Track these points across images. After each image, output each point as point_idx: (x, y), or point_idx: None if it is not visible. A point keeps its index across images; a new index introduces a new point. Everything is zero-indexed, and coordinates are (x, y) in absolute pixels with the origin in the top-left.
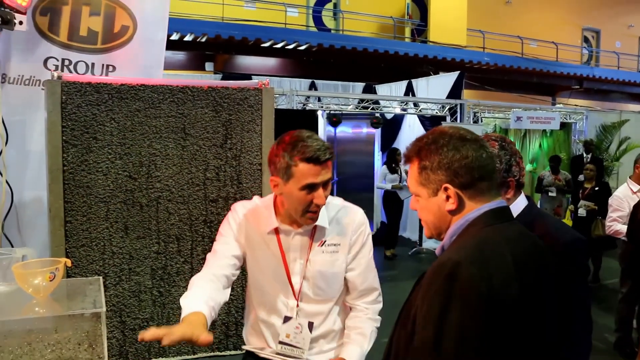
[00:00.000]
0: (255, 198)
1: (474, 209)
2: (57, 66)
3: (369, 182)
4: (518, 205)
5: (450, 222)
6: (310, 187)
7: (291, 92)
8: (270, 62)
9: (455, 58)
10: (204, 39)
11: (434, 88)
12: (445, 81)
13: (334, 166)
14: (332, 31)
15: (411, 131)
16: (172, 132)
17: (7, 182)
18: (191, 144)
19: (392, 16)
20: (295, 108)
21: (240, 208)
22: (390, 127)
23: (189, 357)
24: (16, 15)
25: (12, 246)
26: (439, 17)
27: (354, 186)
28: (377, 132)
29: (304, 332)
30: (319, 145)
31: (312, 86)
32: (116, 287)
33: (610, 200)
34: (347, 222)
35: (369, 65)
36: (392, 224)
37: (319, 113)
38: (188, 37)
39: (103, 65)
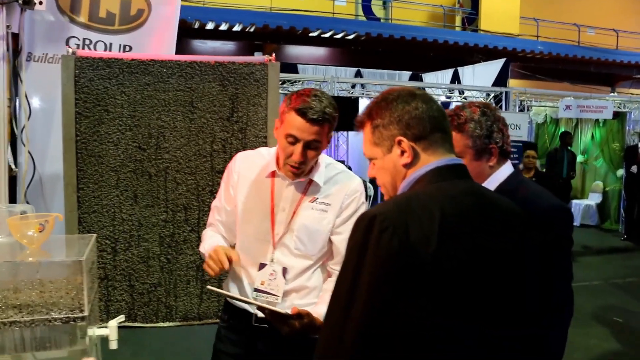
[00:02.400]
0: (262, 148)
1: (425, 164)
2: (78, 45)
3: None
4: (502, 173)
5: (406, 177)
6: (293, 139)
7: (332, 79)
8: (319, 51)
9: (507, 47)
10: (252, 29)
11: (480, 76)
12: (491, 69)
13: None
14: (382, 20)
15: None
16: (180, 106)
17: (29, 153)
18: (198, 117)
19: (443, 5)
20: (336, 95)
21: (240, 156)
22: None
23: (195, 322)
24: None
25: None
26: (490, 5)
27: None
28: None
29: (278, 279)
30: (316, 104)
31: (358, 74)
32: (126, 253)
33: None
34: (343, 185)
35: (417, 54)
36: None
37: (362, 101)
38: (237, 28)
39: (120, 45)
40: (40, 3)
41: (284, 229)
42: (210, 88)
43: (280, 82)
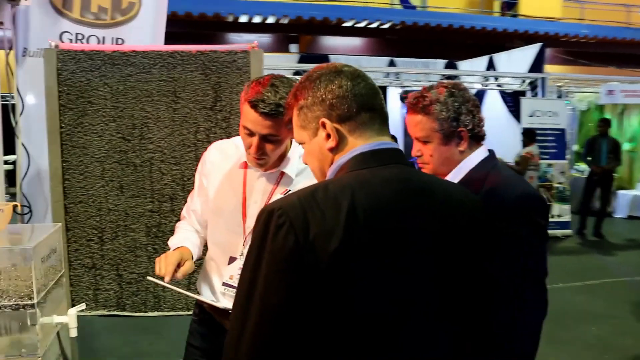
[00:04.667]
0: (236, 137)
1: (351, 149)
2: (71, 40)
3: None
4: (473, 158)
5: (333, 163)
6: (249, 132)
7: (364, 69)
8: (354, 42)
9: (548, 32)
10: (285, 21)
11: (515, 62)
12: (527, 54)
13: (407, 146)
14: (418, 8)
15: (493, 109)
16: (163, 96)
17: (24, 146)
18: (182, 107)
19: None
20: None
21: (214, 145)
22: None
23: (183, 312)
24: None
25: (30, 205)
26: None
27: None
28: None
29: None
30: (270, 96)
31: (391, 64)
32: (113, 242)
33: None
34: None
35: (453, 42)
36: None
37: (390, 91)
38: (270, 20)
39: (113, 38)
40: None
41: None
42: (193, 77)
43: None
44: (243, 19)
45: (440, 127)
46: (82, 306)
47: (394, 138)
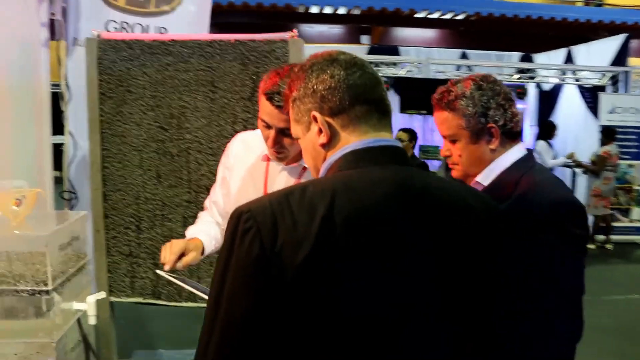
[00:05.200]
0: None
1: (344, 146)
2: (116, 28)
3: None
4: (507, 158)
5: (325, 160)
6: (266, 124)
7: (426, 61)
8: (426, 33)
9: (638, 21)
10: (357, 12)
11: (596, 55)
12: (608, 46)
13: None
14: None
15: (570, 104)
16: (201, 86)
17: (70, 133)
18: (220, 97)
19: None
20: (432, 77)
21: (238, 137)
22: (548, 99)
23: None
24: None
25: (75, 191)
26: None
27: None
28: (529, 105)
29: None
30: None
31: (463, 57)
32: (149, 232)
33: None
34: None
35: (530, 33)
36: None
37: None
38: (341, 10)
39: (156, 27)
40: None
41: None
42: (231, 67)
43: (375, 65)
44: (314, 9)
45: (467, 124)
46: (102, 294)
47: (411, 133)
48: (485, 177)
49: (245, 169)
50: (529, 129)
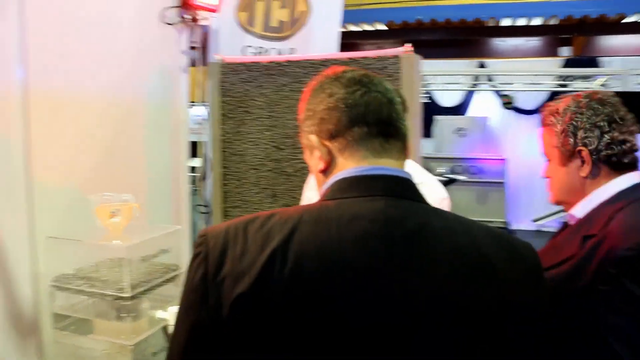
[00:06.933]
0: None
1: (337, 173)
2: (253, 53)
3: None
4: (608, 189)
5: None
6: None
7: (624, 72)
8: (637, 40)
9: None
10: (554, 22)
11: None
12: None
13: None
14: None
15: None
16: None
17: (204, 154)
18: None
19: None
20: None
21: None
22: None
23: None
24: (200, 13)
25: (208, 205)
26: None
27: None
28: None
29: None
30: None
31: None
32: None
33: None
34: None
35: None
36: None
37: None
38: (536, 21)
39: (288, 49)
40: (205, 19)
41: None
42: None
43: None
44: (505, 22)
45: (557, 143)
46: None
47: None
48: (580, 210)
49: None
50: None
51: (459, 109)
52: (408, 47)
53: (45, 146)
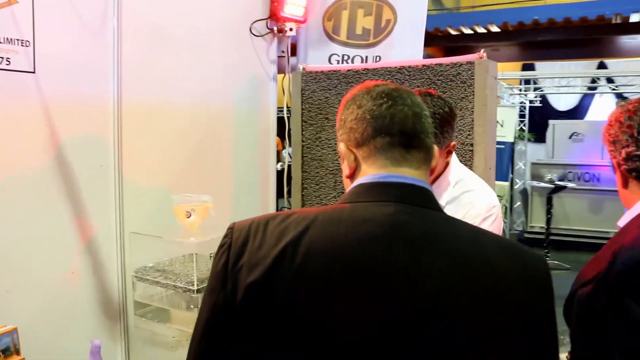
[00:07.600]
0: None
1: (359, 179)
2: (338, 61)
3: None
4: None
5: None
6: None
7: None
8: None
9: None
10: None
11: None
12: None
13: None
14: None
15: None
16: None
17: (289, 154)
18: None
19: None
20: None
21: None
22: None
23: None
24: (288, 24)
25: (291, 207)
26: None
27: None
28: None
29: None
30: None
31: None
32: None
33: None
34: (464, 207)
35: None
36: None
37: None
38: None
39: (373, 57)
40: (291, 30)
41: None
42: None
43: None
44: (634, 18)
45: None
46: None
47: None
48: (623, 221)
49: None
50: None
51: (575, 113)
52: (482, 53)
53: (136, 151)
